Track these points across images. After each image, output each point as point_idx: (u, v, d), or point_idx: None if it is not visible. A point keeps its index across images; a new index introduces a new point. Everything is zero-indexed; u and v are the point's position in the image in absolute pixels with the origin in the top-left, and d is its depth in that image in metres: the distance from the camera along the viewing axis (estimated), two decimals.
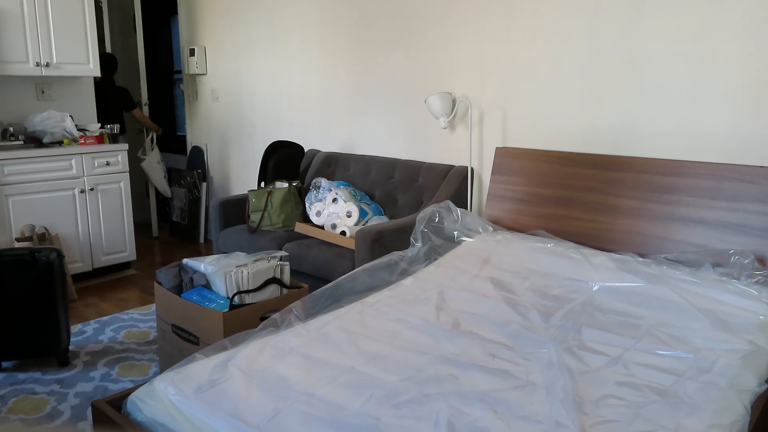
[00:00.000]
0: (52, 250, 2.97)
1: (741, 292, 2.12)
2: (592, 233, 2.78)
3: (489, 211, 3.17)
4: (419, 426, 1.49)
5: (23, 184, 3.87)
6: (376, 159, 3.88)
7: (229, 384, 1.69)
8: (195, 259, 2.71)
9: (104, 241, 4.30)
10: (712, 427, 1.49)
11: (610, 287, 2.31)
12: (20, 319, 2.84)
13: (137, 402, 1.72)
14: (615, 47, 2.85)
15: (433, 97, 3.35)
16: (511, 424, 1.50)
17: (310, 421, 1.52)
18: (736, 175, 2.44)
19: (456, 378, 1.73)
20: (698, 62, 2.62)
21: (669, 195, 2.59)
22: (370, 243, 2.99)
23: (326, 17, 4.17)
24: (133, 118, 5.42)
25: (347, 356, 1.87)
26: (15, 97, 4.30)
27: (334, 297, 2.39)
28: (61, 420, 2.50)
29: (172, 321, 2.64)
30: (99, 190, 4.23)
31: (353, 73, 4.06)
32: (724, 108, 2.57)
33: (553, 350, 1.86)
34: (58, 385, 2.78)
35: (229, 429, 1.51)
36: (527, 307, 2.22)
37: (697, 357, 1.83)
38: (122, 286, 4.25)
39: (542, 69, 3.12)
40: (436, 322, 2.12)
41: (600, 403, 1.60)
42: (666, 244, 2.56)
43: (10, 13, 3.92)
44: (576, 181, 2.88)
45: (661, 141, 2.77)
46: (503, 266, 2.56)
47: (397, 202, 3.66)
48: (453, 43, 3.49)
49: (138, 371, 2.92)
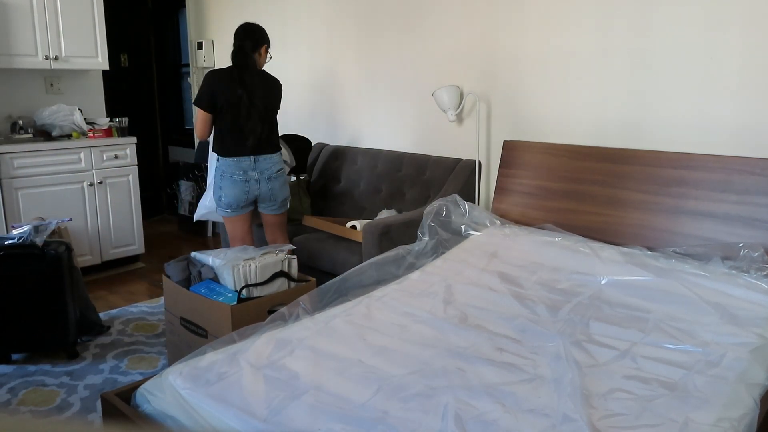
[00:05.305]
0: (60, 243, 2.98)
1: (750, 285, 2.11)
2: (601, 227, 2.77)
3: (497, 205, 3.16)
4: (426, 419, 1.49)
5: (32, 177, 3.89)
6: (383, 153, 3.87)
7: (237, 377, 1.70)
8: (203, 253, 2.72)
9: (113, 234, 4.31)
10: (720, 420, 1.48)
11: (618, 281, 2.30)
12: (29, 312, 2.86)
13: (146, 394, 1.73)
14: (624, 40, 2.83)
15: (441, 90, 3.34)
16: (518, 417, 1.50)
17: (318, 414, 1.52)
18: (746, 167, 2.42)
19: (463, 371, 1.73)
20: (707, 54, 2.59)
21: (678, 188, 2.57)
22: (377, 237, 2.99)
23: (334, 10, 4.16)
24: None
25: (355, 350, 1.87)
26: (24, 90, 4.32)
27: (341, 291, 2.40)
28: (70, 412, 2.52)
29: (181, 314, 2.65)
30: (108, 183, 4.24)
31: (361, 66, 4.05)
32: (733, 100, 2.55)
33: (561, 344, 1.86)
34: (67, 378, 2.80)
35: (237, 421, 1.52)
36: (535, 300, 2.22)
37: (706, 351, 1.82)
38: (131, 279, 4.27)
39: (551, 62, 3.10)
40: (443, 315, 2.12)
41: (608, 396, 1.60)
42: (675, 238, 2.55)
43: (19, 6, 3.93)
44: (584, 174, 2.87)
45: (670, 134, 2.75)
46: (511, 260, 2.56)
47: (405, 195, 3.65)
48: (461, 35, 3.47)
49: (147, 364, 2.94)
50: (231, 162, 3.12)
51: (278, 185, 3.23)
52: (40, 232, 2.93)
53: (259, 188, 3.18)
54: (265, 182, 3.18)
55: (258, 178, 3.16)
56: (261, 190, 3.18)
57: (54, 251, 2.87)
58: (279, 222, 3.35)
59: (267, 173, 3.17)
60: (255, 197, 3.22)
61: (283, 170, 3.27)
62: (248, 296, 2.52)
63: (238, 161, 3.12)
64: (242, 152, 3.12)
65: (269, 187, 3.20)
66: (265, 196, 3.21)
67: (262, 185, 3.18)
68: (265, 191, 3.19)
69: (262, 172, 3.16)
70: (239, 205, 3.20)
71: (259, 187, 3.17)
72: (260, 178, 3.16)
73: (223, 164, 3.14)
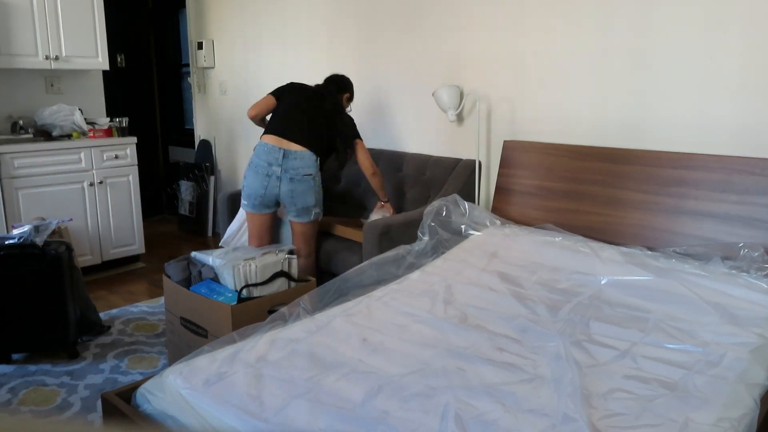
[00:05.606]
0: (61, 243, 2.99)
1: (750, 285, 2.11)
2: (601, 227, 2.77)
3: (497, 205, 3.16)
4: (426, 419, 1.49)
5: (33, 177, 3.89)
6: (384, 152, 3.87)
7: (237, 377, 1.70)
8: (203, 253, 2.72)
9: (113, 234, 4.32)
10: (720, 420, 1.48)
11: (618, 281, 2.30)
12: (30, 312, 2.86)
13: (146, 394, 1.73)
14: (624, 40, 2.83)
15: (441, 90, 3.34)
16: (518, 417, 1.50)
17: (318, 413, 1.52)
18: (746, 167, 2.43)
19: (463, 371, 1.73)
20: (707, 54, 2.59)
21: (678, 188, 2.58)
22: (377, 237, 2.99)
23: (334, 10, 4.16)
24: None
25: (355, 349, 1.87)
26: (24, 90, 4.32)
27: (341, 290, 2.40)
28: (71, 412, 2.52)
29: (181, 314, 2.65)
30: (108, 183, 4.24)
31: (361, 66, 4.05)
32: (733, 100, 2.55)
33: (561, 344, 1.86)
34: (68, 377, 2.80)
35: (237, 421, 1.52)
36: (535, 300, 2.22)
37: (706, 350, 1.82)
38: (131, 279, 4.27)
39: (551, 62, 3.10)
40: (443, 315, 2.12)
41: (608, 396, 1.60)
42: (675, 238, 2.55)
43: (19, 6, 3.94)
44: (584, 174, 2.87)
45: (670, 134, 2.75)
46: (511, 260, 2.56)
47: (405, 195, 3.65)
48: (461, 35, 3.47)
49: (147, 364, 2.94)
50: (261, 149, 3.04)
51: (300, 189, 3.05)
52: (41, 232, 2.93)
53: (278, 187, 3.04)
54: (287, 182, 3.03)
55: (280, 176, 3.02)
56: (281, 189, 3.05)
57: (54, 251, 2.88)
58: (301, 231, 3.18)
59: (291, 173, 3.02)
60: (274, 197, 3.10)
61: (311, 176, 3.07)
62: (248, 296, 2.52)
63: (268, 150, 3.02)
64: (278, 131, 3.05)
65: (290, 188, 3.04)
66: (285, 198, 3.08)
67: (282, 185, 3.04)
68: (285, 192, 3.05)
69: (286, 170, 3.02)
70: (257, 202, 3.10)
71: (279, 186, 3.04)
72: (282, 177, 3.03)
73: (255, 152, 3.08)
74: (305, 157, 3.05)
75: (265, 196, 3.09)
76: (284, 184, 3.04)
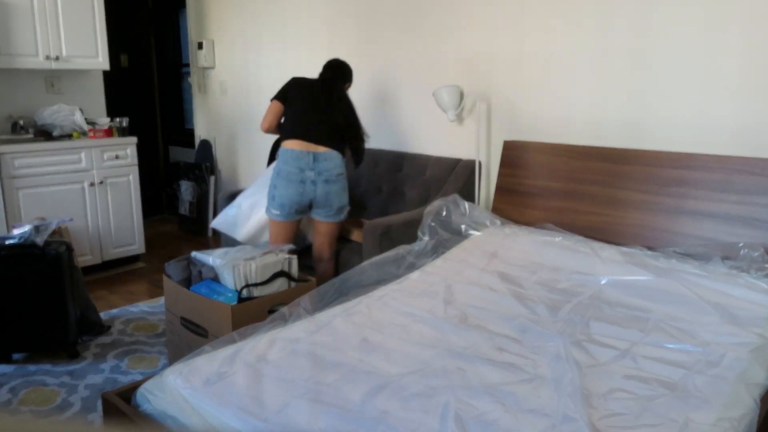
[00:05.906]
0: (61, 243, 2.99)
1: (750, 285, 2.11)
2: (601, 227, 2.77)
3: (497, 205, 3.16)
4: (426, 419, 1.49)
5: (33, 177, 3.89)
6: (383, 152, 3.87)
7: (237, 376, 1.70)
8: (203, 253, 2.72)
9: (113, 234, 4.32)
10: (720, 420, 1.48)
11: (618, 281, 2.30)
12: (30, 312, 2.86)
13: (146, 394, 1.73)
14: (624, 40, 2.83)
15: (441, 90, 3.34)
16: (518, 417, 1.50)
17: (318, 413, 1.52)
18: (746, 167, 2.43)
19: (463, 371, 1.73)
20: (707, 54, 2.59)
21: (678, 188, 2.58)
22: (377, 237, 2.99)
23: (334, 10, 4.16)
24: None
25: (355, 349, 1.87)
26: (25, 90, 4.32)
27: (341, 290, 2.40)
28: (71, 412, 2.52)
29: (181, 314, 2.65)
30: (108, 183, 4.25)
31: (361, 66, 4.05)
32: (733, 100, 2.55)
33: (561, 344, 1.86)
34: (68, 377, 2.80)
35: (237, 421, 1.52)
36: (535, 300, 2.22)
37: (706, 350, 1.82)
38: (131, 279, 4.27)
39: (551, 62, 3.10)
40: (443, 315, 2.12)
41: (608, 396, 1.60)
42: (675, 238, 2.55)
43: (19, 6, 3.94)
44: (584, 174, 2.87)
45: (670, 134, 2.75)
46: (511, 260, 2.56)
47: (405, 195, 3.65)
48: (461, 35, 3.47)
49: (147, 363, 2.94)
50: (289, 156, 2.97)
51: (336, 189, 3.03)
52: (41, 231, 2.93)
53: (315, 191, 2.99)
54: (323, 185, 2.99)
55: (315, 179, 2.97)
56: (317, 192, 2.99)
57: (54, 251, 2.88)
58: (330, 231, 3.15)
59: (325, 174, 2.98)
60: (310, 201, 3.03)
61: (343, 175, 3.07)
62: (248, 296, 2.52)
63: (297, 156, 2.96)
64: (301, 135, 2.99)
65: (326, 190, 3.00)
66: (321, 201, 3.02)
67: (318, 188, 2.98)
68: (321, 194, 3.00)
69: (320, 173, 2.97)
70: (291, 210, 3.02)
71: (315, 189, 2.99)
72: (317, 180, 2.97)
73: (281, 160, 2.99)
74: (333, 157, 3.03)
75: (301, 203, 3.03)
76: (320, 186, 3.00)
